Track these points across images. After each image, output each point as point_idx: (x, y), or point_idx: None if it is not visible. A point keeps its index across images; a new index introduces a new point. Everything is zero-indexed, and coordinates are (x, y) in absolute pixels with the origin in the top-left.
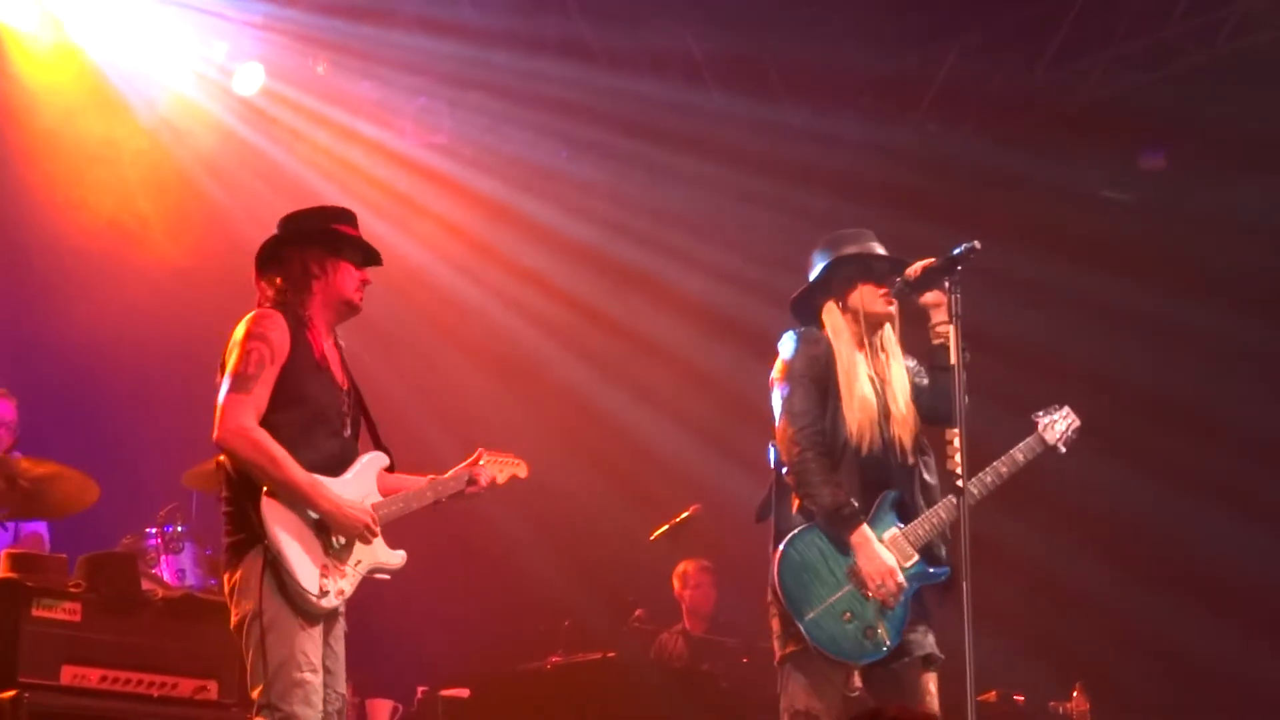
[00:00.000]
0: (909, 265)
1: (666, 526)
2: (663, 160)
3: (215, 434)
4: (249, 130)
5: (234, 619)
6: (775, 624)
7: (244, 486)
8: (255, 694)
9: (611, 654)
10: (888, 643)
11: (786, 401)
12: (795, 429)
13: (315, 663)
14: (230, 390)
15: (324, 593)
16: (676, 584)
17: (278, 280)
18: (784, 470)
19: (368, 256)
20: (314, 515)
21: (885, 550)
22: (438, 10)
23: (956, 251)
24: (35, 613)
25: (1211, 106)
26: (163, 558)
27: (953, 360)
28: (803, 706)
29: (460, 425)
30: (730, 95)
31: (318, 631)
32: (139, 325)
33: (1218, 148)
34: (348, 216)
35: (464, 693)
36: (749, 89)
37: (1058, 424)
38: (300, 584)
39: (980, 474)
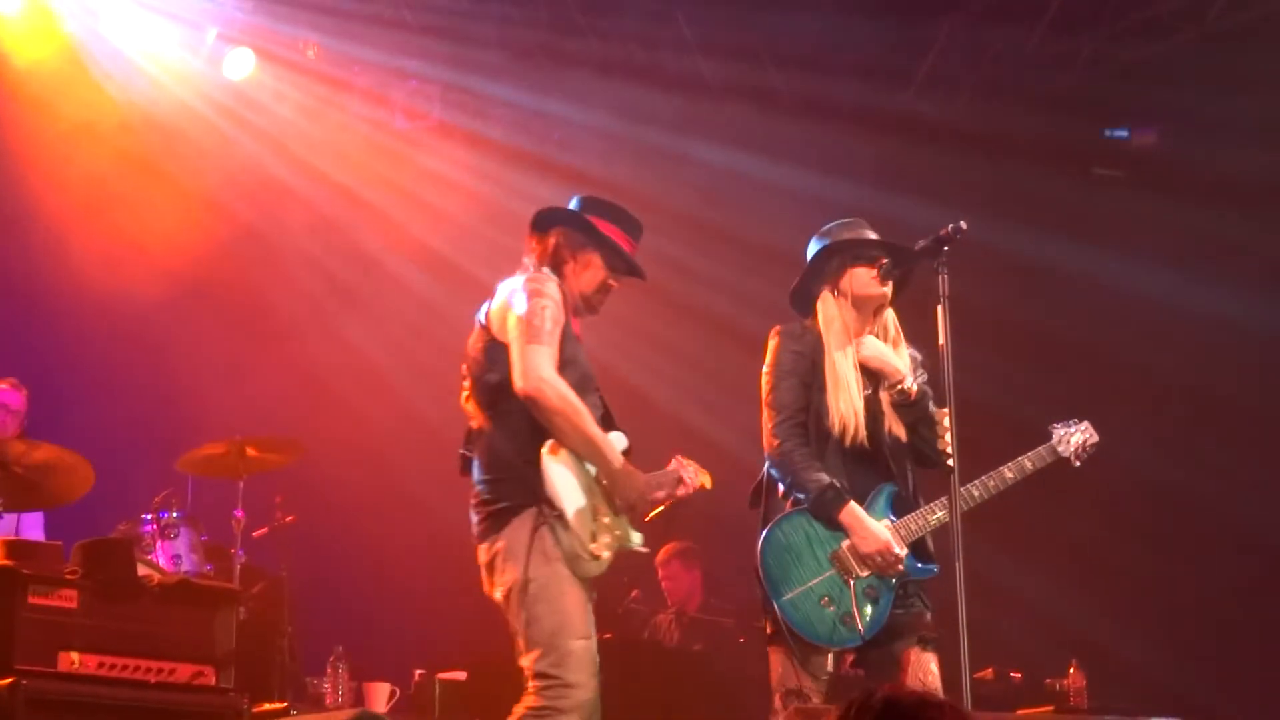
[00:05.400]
0: (900, 249)
1: (661, 506)
2: (654, 140)
3: (520, 383)
4: (240, 115)
5: (499, 589)
6: (761, 605)
7: (516, 449)
8: (528, 662)
9: (608, 635)
10: (862, 631)
11: (771, 395)
12: (775, 422)
13: (587, 629)
14: (530, 341)
15: (597, 556)
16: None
17: (539, 249)
18: (768, 463)
19: (630, 268)
20: (593, 475)
21: (878, 525)
22: None
23: (943, 232)
24: (31, 599)
25: (1203, 83)
26: (158, 543)
27: (940, 340)
28: (793, 685)
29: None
30: (722, 73)
31: (585, 596)
32: (132, 310)
33: (1209, 124)
34: (631, 225)
35: (461, 675)
36: (741, 68)
37: (1074, 437)
38: (582, 542)
39: (984, 477)
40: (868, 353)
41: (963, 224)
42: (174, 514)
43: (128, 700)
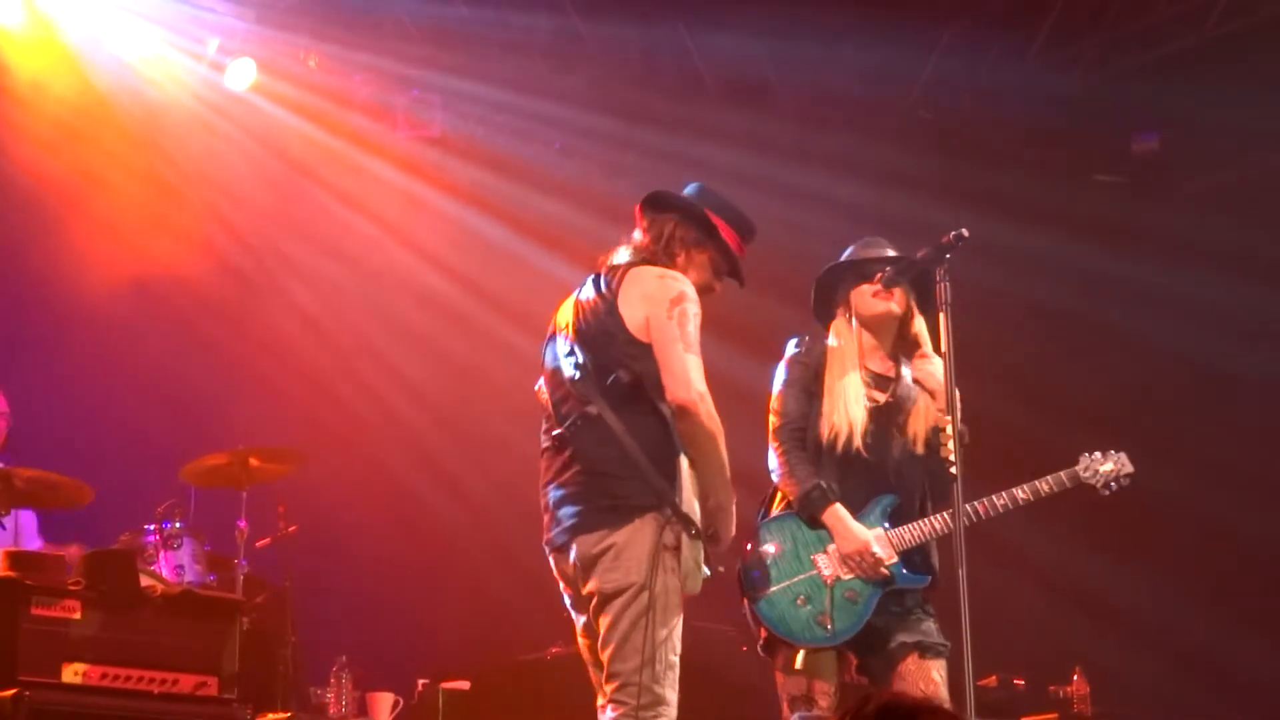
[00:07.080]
0: (901, 260)
1: None
2: (657, 151)
3: (681, 392)
4: (243, 125)
5: (600, 583)
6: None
7: (645, 450)
8: (623, 665)
9: None
10: (831, 632)
11: (777, 401)
12: (775, 428)
13: (680, 647)
14: (689, 351)
15: (710, 573)
16: None
17: (650, 232)
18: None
19: (734, 272)
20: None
21: (860, 527)
22: (430, 4)
23: (944, 239)
24: (34, 611)
25: (1203, 89)
26: (161, 554)
27: (942, 349)
28: (798, 692)
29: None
30: (723, 87)
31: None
32: (135, 320)
33: (1210, 130)
34: (746, 228)
35: (464, 684)
36: (743, 74)
37: (1102, 465)
38: (708, 561)
39: (994, 495)
40: (926, 371)
41: (964, 231)
42: (177, 524)
43: (131, 711)
